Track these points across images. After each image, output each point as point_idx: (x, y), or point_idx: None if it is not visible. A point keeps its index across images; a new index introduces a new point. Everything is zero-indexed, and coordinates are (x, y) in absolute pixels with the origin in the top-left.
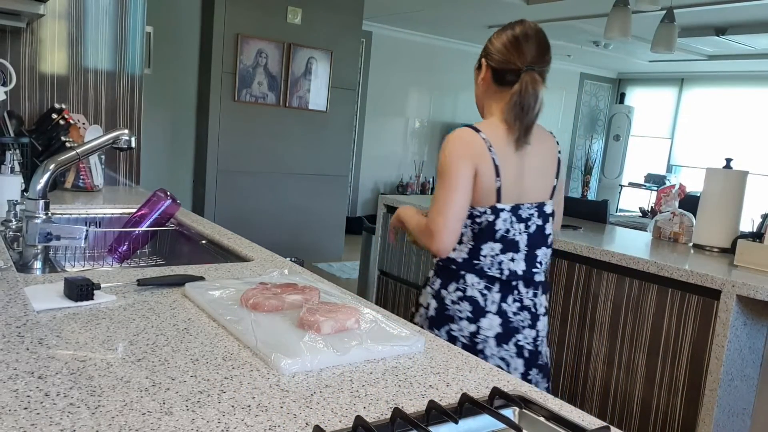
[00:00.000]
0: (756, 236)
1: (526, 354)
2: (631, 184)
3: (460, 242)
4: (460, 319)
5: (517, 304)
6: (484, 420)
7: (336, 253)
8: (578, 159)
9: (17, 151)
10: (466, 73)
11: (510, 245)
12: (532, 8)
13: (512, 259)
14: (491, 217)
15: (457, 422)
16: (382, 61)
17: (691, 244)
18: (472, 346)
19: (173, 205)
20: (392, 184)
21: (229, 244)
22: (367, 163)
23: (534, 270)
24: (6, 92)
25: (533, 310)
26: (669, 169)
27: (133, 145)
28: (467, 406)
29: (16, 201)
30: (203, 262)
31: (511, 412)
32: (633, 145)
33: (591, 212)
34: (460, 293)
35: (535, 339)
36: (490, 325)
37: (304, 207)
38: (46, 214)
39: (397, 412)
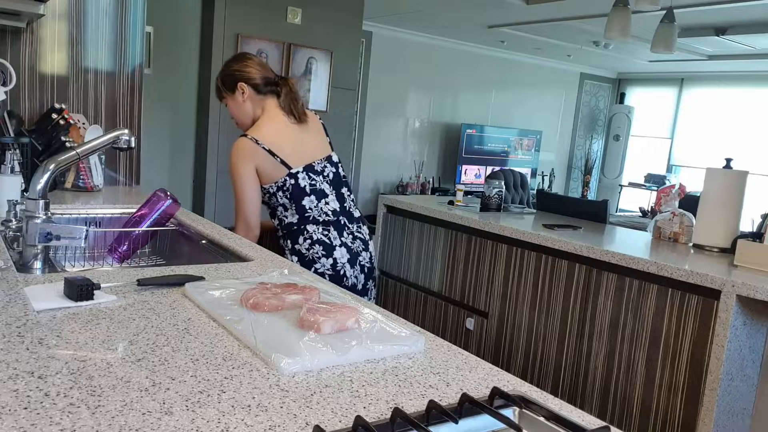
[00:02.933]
0: (756, 236)
1: (366, 270)
2: (631, 184)
3: (286, 209)
4: (318, 258)
5: (351, 236)
6: (484, 420)
7: None
8: (578, 159)
9: (17, 151)
10: (466, 73)
11: (320, 194)
12: (532, 8)
13: (326, 203)
14: (292, 181)
15: (457, 422)
16: (382, 61)
17: (691, 244)
18: (335, 273)
19: (173, 205)
20: (392, 184)
21: (229, 244)
22: (367, 163)
23: (346, 205)
24: (6, 92)
25: (362, 238)
26: (669, 169)
27: (133, 145)
28: (467, 406)
29: (16, 201)
30: (203, 262)
31: (511, 412)
32: (633, 145)
33: (591, 212)
34: (309, 241)
35: (370, 259)
36: (342, 254)
37: None
38: (46, 214)
39: (397, 412)
